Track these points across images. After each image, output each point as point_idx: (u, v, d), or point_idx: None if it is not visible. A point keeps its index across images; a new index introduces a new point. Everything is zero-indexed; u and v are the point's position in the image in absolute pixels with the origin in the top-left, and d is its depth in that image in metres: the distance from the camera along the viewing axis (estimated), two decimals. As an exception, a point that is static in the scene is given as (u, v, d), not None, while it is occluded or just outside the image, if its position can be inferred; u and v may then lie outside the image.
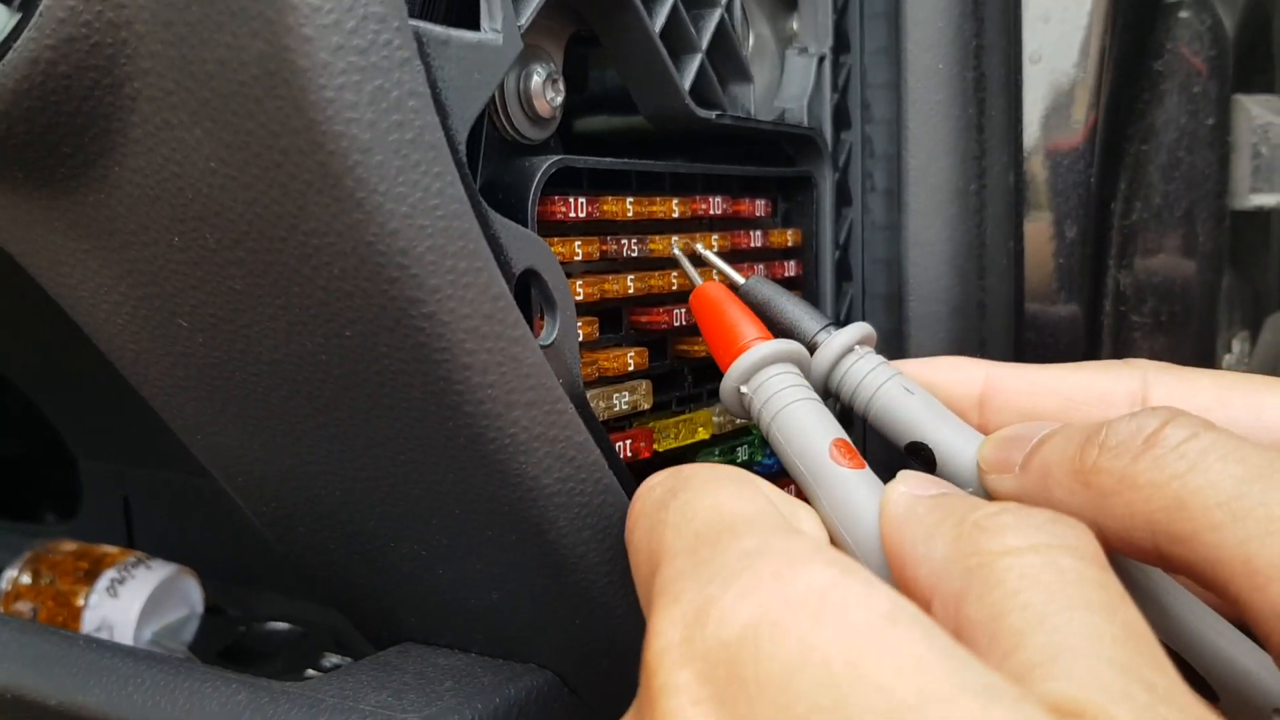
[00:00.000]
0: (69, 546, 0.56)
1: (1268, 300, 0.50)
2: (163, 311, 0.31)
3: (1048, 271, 0.44)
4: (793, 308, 0.36)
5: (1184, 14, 0.45)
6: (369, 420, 0.29)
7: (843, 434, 0.30)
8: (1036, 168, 0.43)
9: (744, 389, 0.33)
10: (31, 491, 0.73)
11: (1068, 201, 0.44)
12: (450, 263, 0.26)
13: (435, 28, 0.27)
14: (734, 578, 0.20)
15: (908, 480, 0.27)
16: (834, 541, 0.28)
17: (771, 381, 0.32)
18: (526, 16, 0.30)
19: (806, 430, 0.30)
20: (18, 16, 0.27)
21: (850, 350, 0.34)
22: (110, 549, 0.55)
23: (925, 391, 0.33)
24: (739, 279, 0.37)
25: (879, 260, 0.44)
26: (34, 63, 0.27)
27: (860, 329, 0.35)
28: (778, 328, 0.35)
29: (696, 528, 0.23)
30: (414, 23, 0.26)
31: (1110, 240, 0.45)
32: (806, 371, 0.34)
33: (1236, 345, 0.49)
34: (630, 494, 0.32)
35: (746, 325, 0.34)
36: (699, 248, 0.38)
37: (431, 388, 0.28)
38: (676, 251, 0.37)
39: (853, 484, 0.28)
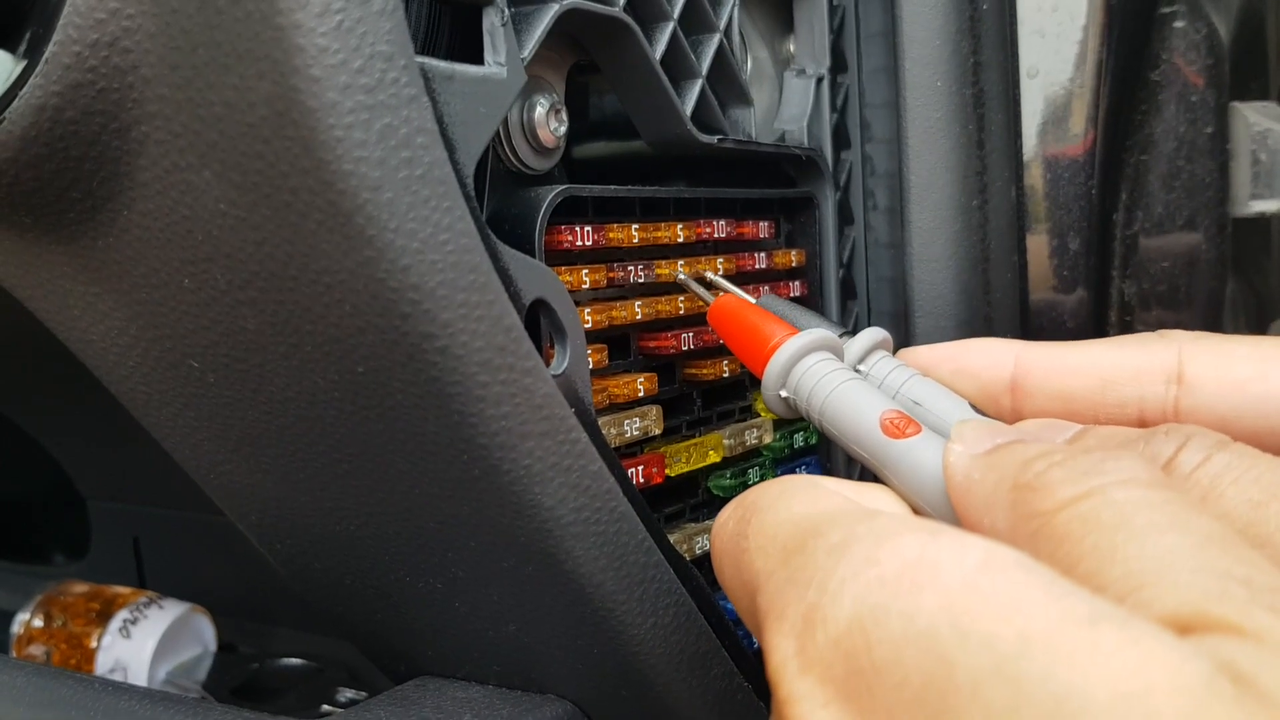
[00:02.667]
0: (80, 588, 0.55)
1: (1272, 305, 0.50)
2: (174, 353, 0.31)
3: (1052, 284, 0.44)
4: (807, 319, 0.35)
5: (1179, 24, 0.45)
6: (383, 455, 0.29)
7: (889, 404, 0.30)
8: (1038, 181, 0.44)
9: (784, 392, 0.32)
10: (40, 533, 0.73)
11: (1070, 214, 0.44)
12: (462, 296, 0.26)
13: (440, 63, 0.27)
14: (829, 576, 0.20)
15: (963, 437, 0.26)
16: (916, 513, 0.27)
17: (809, 374, 0.32)
18: (529, 49, 0.30)
19: (854, 412, 0.30)
20: (24, 63, 0.27)
21: (868, 355, 0.34)
22: (122, 589, 0.55)
23: (943, 391, 0.32)
24: (750, 300, 0.37)
25: (884, 278, 0.44)
26: (40, 109, 0.27)
27: (875, 334, 0.34)
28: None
29: (781, 543, 0.23)
30: (419, 59, 0.26)
31: (1114, 250, 0.45)
32: (840, 356, 0.33)
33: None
34: (645, 520, 0.32)
35: (772, 326, 0.34)
36: (707, 274, 0.38)
37: (445, 421, 0.28)
38: (682, 276, 0.37)
39: (912, 454, 0.28)
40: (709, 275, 0.38)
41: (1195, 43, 0.45)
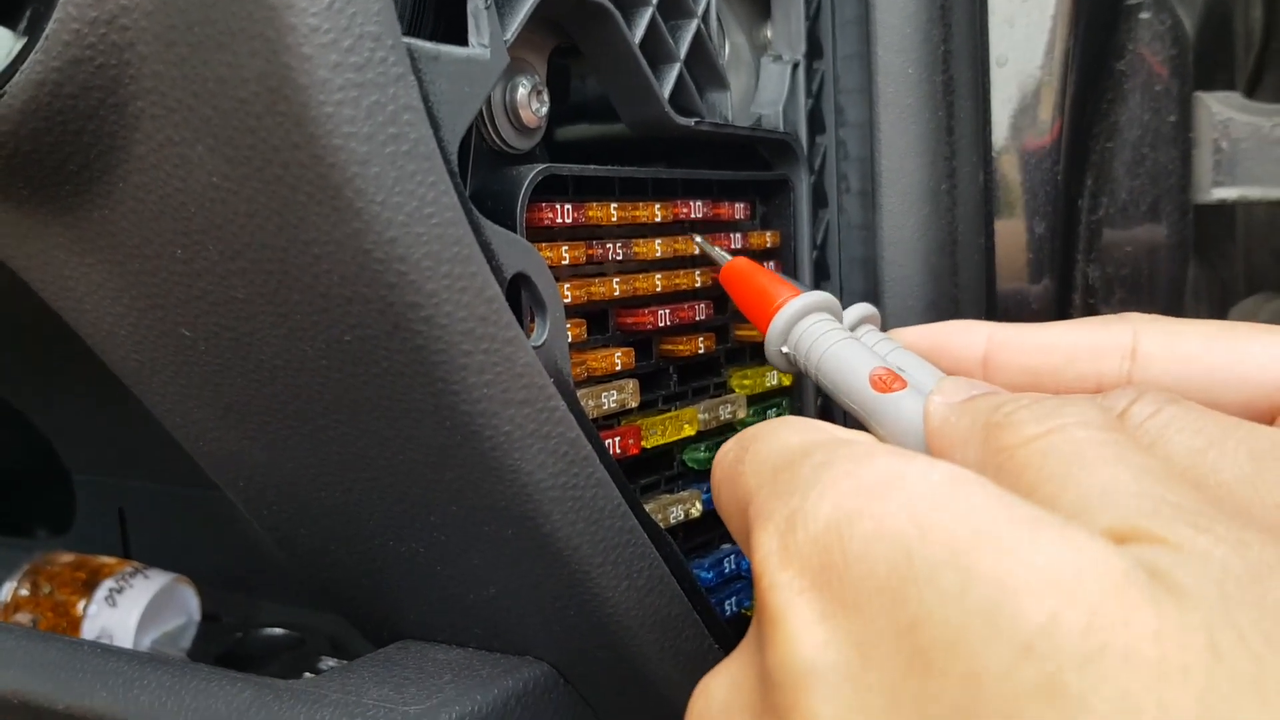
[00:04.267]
0: (66, 558, 0.56)
1: (1233, 290, 0.51)
2: (166, 322, 0.32)
3: (1018, 267, 0.46)
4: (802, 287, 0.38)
5: (1144, 15, 0.46)
6: (369, 422, 0.31)
7: (880, 363, 0.32)
8: (1005, 167, 0.45)
9: (785, 348, 0.35)
10: (24, 507, 0.74)
11: (1036, 199, 0.45)
12: (446, 268, 0.27)
13: (426, 44, 0.28)
14: (811, 486, 0.23)
15: (944, 389, 0.29)
16: None
17: (807, 332, 0.35)
18: (512, 31, 0.31)
19: (847, 368, 0.33)
20: (24, 40, 0.28)
21: (857, 327, 0.37)
22: (108, 559, 0.56)
23: (920, 362, 0.35)
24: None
25: (855, 259, 0.46)
26: (40, 84, 0.28)
27: (865, 309, 0.37)
28: None
29: (772, 464, 0.25)
30: (406, 39, 0.27)
31: (1078, 235, 0.46)
32: (837, 315, 0.36)
33: (1203, 335, 0.50)
34: (621, 487, 0.34)
35: (778, 286, 0.36)
36: (696, 239, 0.41)
37: (430, 389, 0.29)
38: (698, 240, 0.40)
39: (897, 406, 0.31)
40: (696, 239, 0.41)
41: (1160, 34, 0.46)
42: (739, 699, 0.24)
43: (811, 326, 0.35)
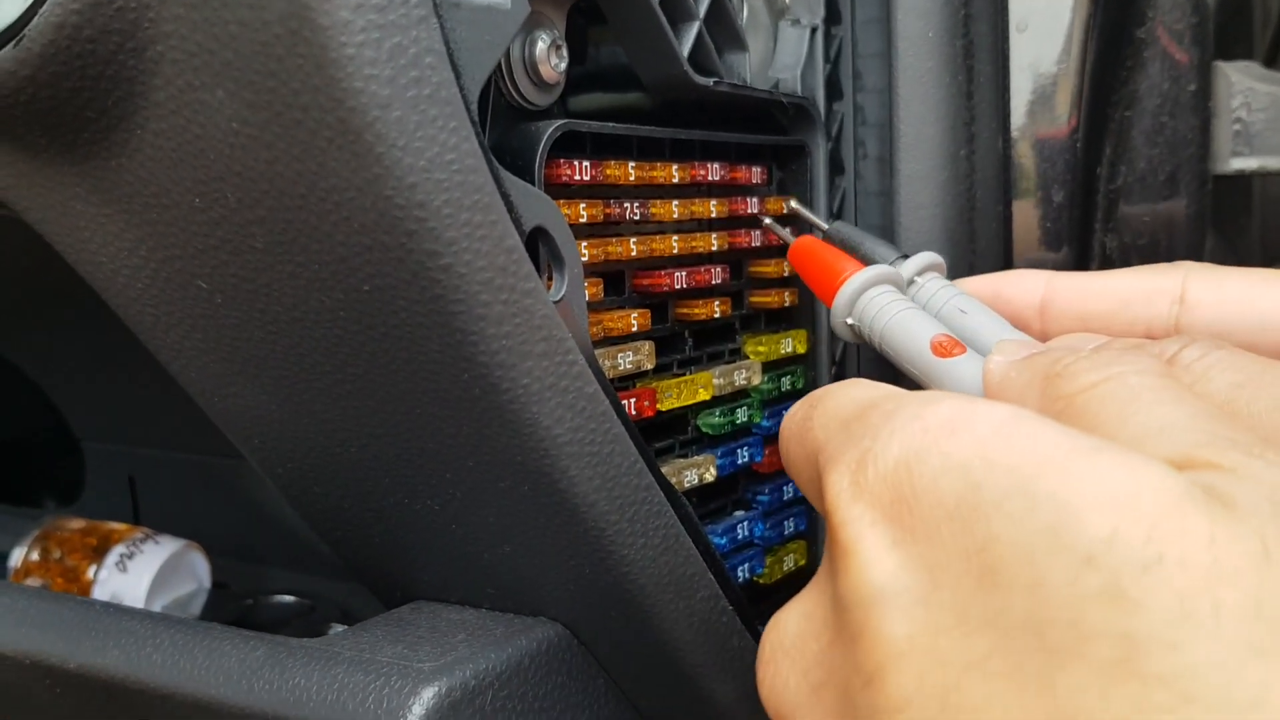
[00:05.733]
0: (76, 524, 0.56)
1: (1249, 261, 0.51)
2: (183, 274, 0.32)
3: (1036, 235, 0.45)
4: (870, 243, 0.40)
5: (1165, -17, 0.46)
6: (386, 375, 0.30)
7: (940, 329, 0.34)
8: (1024, 134, 0.45)
9: (850, 320, 0.37)
10: (33, 476, 0.74)
11: (1054, 167, 0.45)
12: (466, 216, 0.27)
13: (448, -10, 0.28)
14: (880, 429, 0.24)
15: (1003, 349, 0.30)
16: None
17: (871, 303, 0.36)
18: (532, -18, 0.31)
19: (908, 336, 0.35)
20: (42, -17, 0.28)
21: (922, 273, 0.38)
22: (118, 526, 0.56)
23: (982, 306, 0.36)
24: (823, 224, 0.42)
25: (873, 226, 0.45)
26: (59, 27, 0.28)
27: (930, 257, 0.39)
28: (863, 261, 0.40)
29: (842, 416, 0.27)
30: (426, -14, 0.27)
31: (1096, 204, 0.46)
32: (900, 287, 0.38)
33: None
34: (637, 444, 0.33)
35: (841, 261, 0.38)
36: (792, 203, 0.43)
37: (448, 340, 0.29)
38: (768, 222, 0.42)
39: (958, 370, 0.32)
40: (793, 204, 0.43)
41: (1180, 1, 0.46)
42: (811, 627, 0.25)
43: (876, 298, 0.37)
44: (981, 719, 0.20)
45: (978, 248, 0.44)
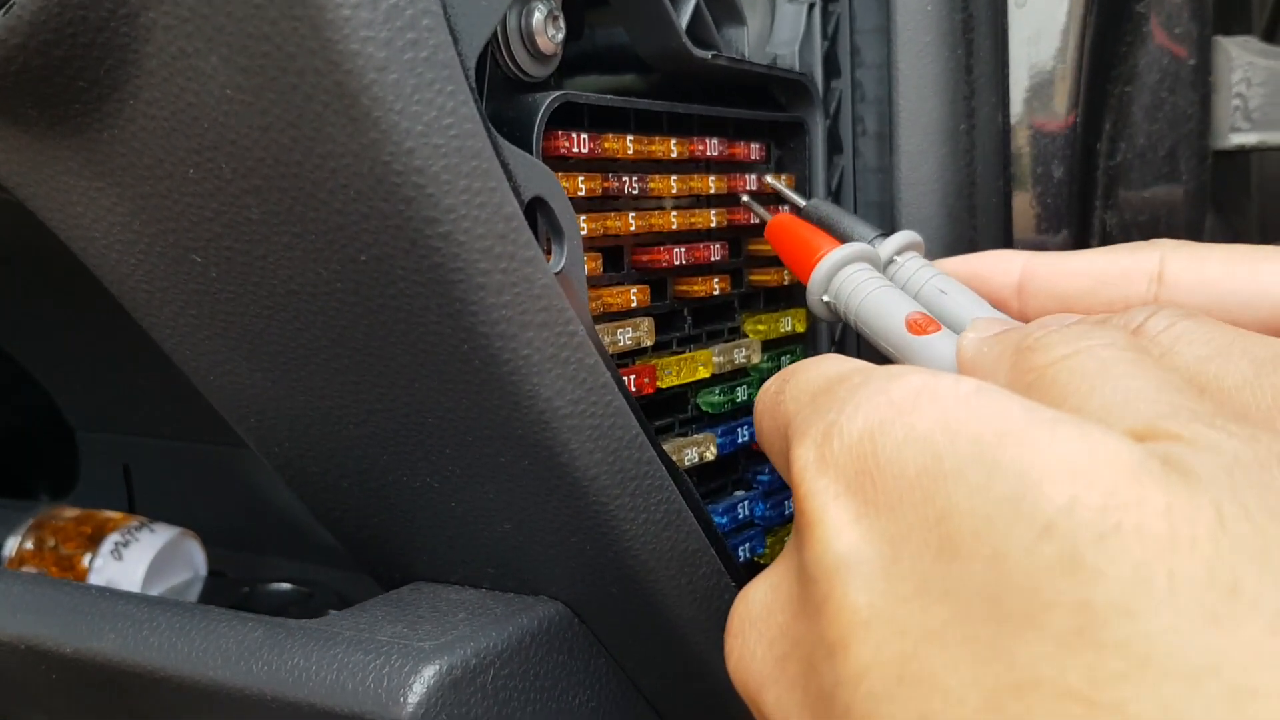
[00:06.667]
0: (71, 513, 0.56)
1: (1248, 238, 0.51)
2: (177, 248, 0.31)
3: (1036, 211, 0.45)
4: (849, 221, 0.39)
5: (1164, -43, 0.46)
6: (384, 347, 0.30)
7: (915, 307, 0.34)
8: (1023, 109, 0.44)
9: (826, 297, 0.37)
10: (27, 467, 0.73)
11: (1054, 142, 0.45)
12: (465, 182, 0.27)
13: (443, -46, 0.28)
14: (846, 402, 0.24)
15: (976, 326, 0.30)
16: None
17: (847, 281, 0.36)
18: (529, -51, 0.31)
19: (883, 313, 0.35)
20: (31, -50, 0.28)
21: (901, 253, 0.38)
22: (113, 514, 0.55)
23: (961, 286, 0.36)
24: (800, 201, 0.41)
25: (871, 203, 0.45)
26: (50, -7, 0.27)
27: (909, 236, 0.38)
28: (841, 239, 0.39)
29: (811, 390, 0.27)
30: (423, -51, 0.27)
31: (1096, 180, 0.46)
32: (877, 264, 0.38)
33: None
34: (639, 421, 0.33)
35: (818, 239, 0.38)
36: (769, 178, 0.43)
37: (446, 310, 0.28)
38: (745, 199, 0.42)
39: (932, 347, 0.32)
40: (770, 179, 0.43)
41: (1180, -24, 0.46)
42: (778, 599, 0.25)
43: (851, 275, 0.36)
44: (938, 687, 0.20)
45: (978, 224, 0.44)
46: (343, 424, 0.33)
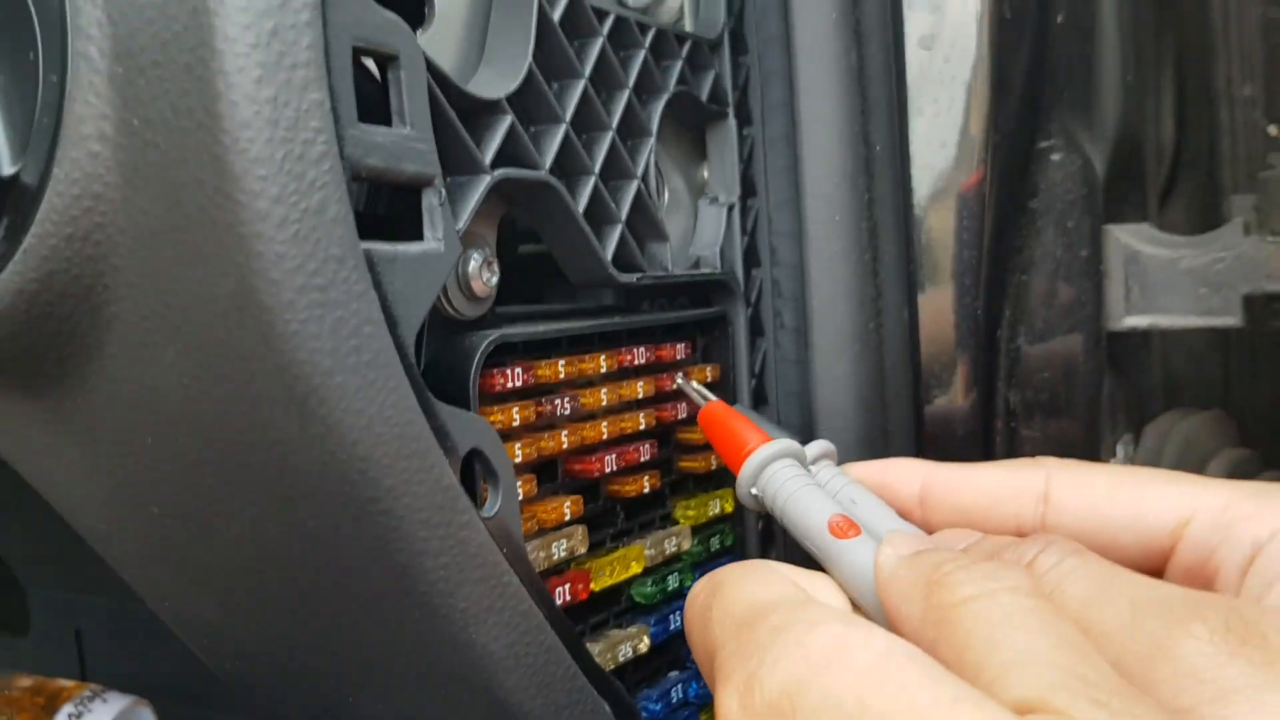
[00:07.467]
0: (25, 681, 0.57)
1: (1149, 407, 0.54)
2: (135, 500, 0.33)
3: (943, 395, 0.48)
4: (770, 428, 0.42)
5: (1055, 156, 0.49)
6: (331, 598, 0.32)
7: (837, 509, 0.36)
8: (928, 304, 0.48)
9: (754, 490, 0.39)
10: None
11: (958, 332, 0.48)
12: (404, 464, 0.29)
13: (383, 246, 0.30)
14: (767, 651, 0.26)
15: (892, 542, 0.32)
16: (855, 604, 0.33)
17: (774, 477, 0.38)
18: (464, 220, 0.34)
19: (808, 512, 0.36)
20: (0, 251, 0.30)
21: (816, 461, 0.40)
22: (66, 683, 0.57)
23: (870, 495, 0.38)
24: (707, 400, 0.44)
25: (791, 392, 0.48)
26: (18, 293, 0.29)
27: (824, 445, 0.41)
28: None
29: (735, 618, 0.29)
30: (365, 245, 0.29)
31: (999, 363, 0.49)
32: (802, 459, 0.40)
33: (1120, 449, 0.53)
34: (568, 644, 0.35)
35: (749, 432, 0.40)
36: (678, 380, 0.45)
37: (389, 571, 0.31)
38: (679, 381, 0.45)
39: (851, 553, 0.34)
40: (678, 381, 0.45)
41: (1071, 173, 0.49)
42: None
43: (778, 472, 0.38)
44: None
45: (890, 414, 0.47)
46: (291, 655, 0.35)
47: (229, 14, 0.26)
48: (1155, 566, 0.33)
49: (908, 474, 0.39)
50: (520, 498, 0.36)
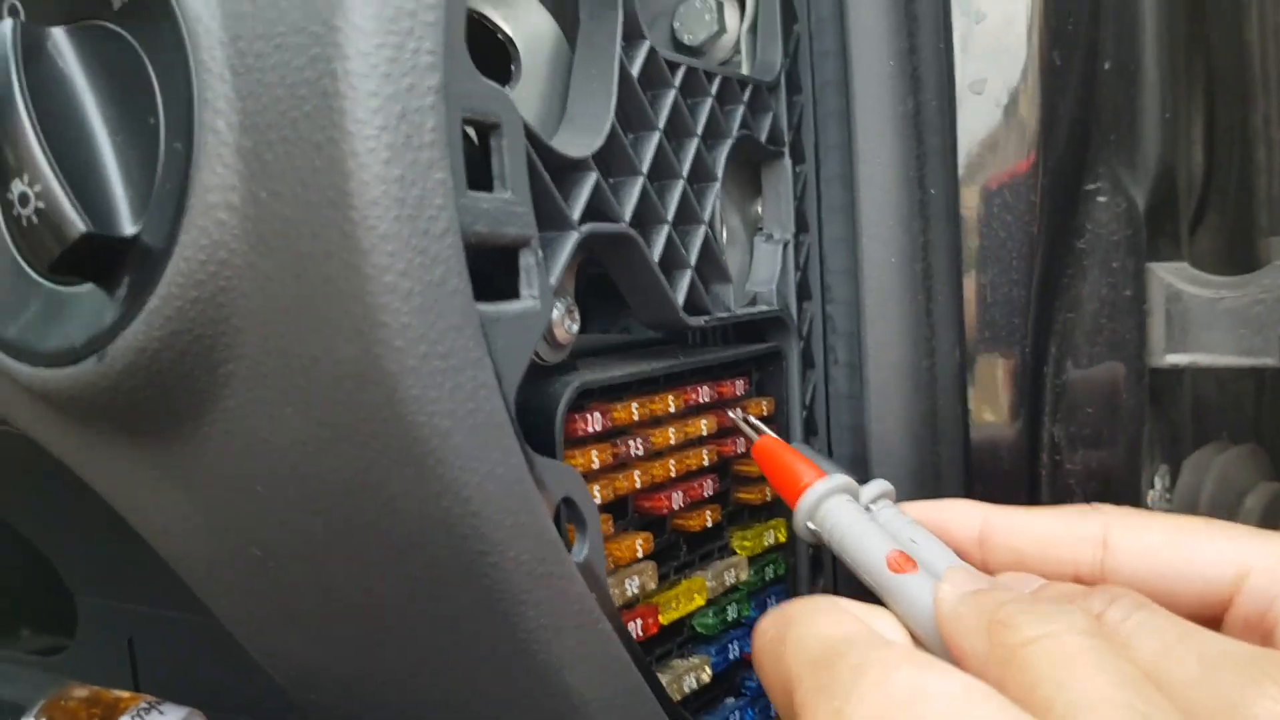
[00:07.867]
0: (81, 692, 0.58)
1: (1184, 444, 0.56)
2: (238, 542, 0.35)
3: (992, 433, 0.50)
4: (828, 465, 0.43)
5: (1101, 199, 0.51)
6: (433, 644, 0.34)
7: (895, 545, 0.37)
8: (979, 344, 0.49)
9: (811, 524, 0.40)
10: (24, 624, 0.75)
11: (1007, 370, 0.49)
12: (511, 519, 0.31)
13: (489, 307, 0.32)
14: (849, 691, 0.27)
15: (951, 578, 0.34)
16: (913, 636, 0.35)
17: (831, 512, 0.39)
18: (556, 275, 0.35)
19: (865, 550, 0.37)
20: (121, 306, 0.31)
21: (874, 501, 0.41)
22: (122, 694, 0.58)
23: (930, 535, 0.39)
24: (759, 434, 0.45)
25: (845, 425, 0.50)
26: (141, 350, 0.31)
27: (882, 485, 0.42)
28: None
29: (811, 655, 0.30)
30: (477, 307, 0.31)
31: (1044, 399, 0.51)
32: (855, 494, 0.41)
33: (1158, 482, 0.55)
34: (648, 678, 0.37)
35: (804, 467, 0.41)
36: (730, 414, 0.46)
37: (492, 620, 0.32)
38: (732, 415, 0.46)
39: (910, 587, 0.35)
40: (730, 415, 0.46)
41: (1116, 214, 0.51)
42: None
43: (835, 508, 0.40)
44: None
45: (940, 450, 0.48)
46: (383, 693, 0.37)
47: (359, 97, 0.27)
48: (1213, 617, 0.34)
49: (966, 516, 0.40)
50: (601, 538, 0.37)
